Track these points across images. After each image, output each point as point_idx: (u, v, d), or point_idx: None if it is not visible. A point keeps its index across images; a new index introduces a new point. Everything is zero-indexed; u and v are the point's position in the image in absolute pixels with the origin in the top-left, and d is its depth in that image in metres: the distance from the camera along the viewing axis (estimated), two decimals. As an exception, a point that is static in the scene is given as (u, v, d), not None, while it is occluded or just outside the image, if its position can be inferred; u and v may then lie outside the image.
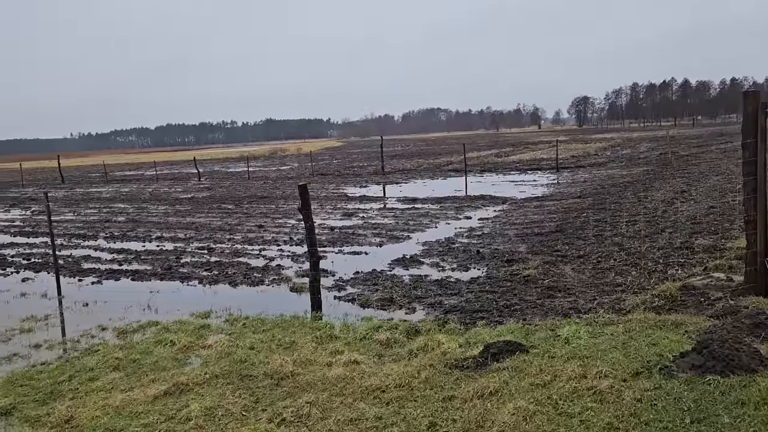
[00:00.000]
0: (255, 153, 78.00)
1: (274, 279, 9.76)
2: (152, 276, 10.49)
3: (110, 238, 15.05)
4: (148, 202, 23.78)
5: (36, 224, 18.72)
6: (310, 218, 8.17)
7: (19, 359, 6.66)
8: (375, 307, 7.95)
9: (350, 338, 6.59)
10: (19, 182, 42.42)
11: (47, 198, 10.56)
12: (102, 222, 18.20)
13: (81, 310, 8.64)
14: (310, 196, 8.94)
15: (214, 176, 38.04)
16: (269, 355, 6.14)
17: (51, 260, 12.37)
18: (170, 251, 12.67)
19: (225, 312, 8.08)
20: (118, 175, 45.40)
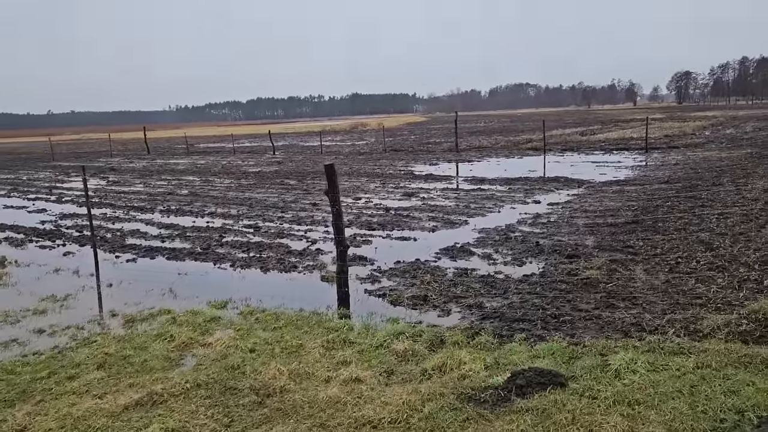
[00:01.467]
0: (336, 127, 78.20)
1: (309, 265, 9.00)
2: (187, 256, 10.01)
3: (166, 212, 14.87)
4: (217, 175, 23.79)
5: (105, 195, 19.00)
6: (338, 202, 7.28)
7: (15, 346, 6.24)
8: (406, 305, 6.99)
9: (365, 345, 5.70)
10: (109, 152, 44.27)
11: (84, 171, 10.24)
12: (165, 195, 18.19)
13: (104, 292, 8.24)
14: (376, 172, 8.05)
15: (289, 150, 38.00)
16: (267, 361, 5.36)
17: (102, 233, 12.28)
18: (216, 229, 12.22)
19: (244, 302, 7.40)
20: (200, 148, 46.47)
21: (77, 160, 37.99)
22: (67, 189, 21.35)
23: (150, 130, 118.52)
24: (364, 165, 24.67)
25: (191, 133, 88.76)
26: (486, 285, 7.46)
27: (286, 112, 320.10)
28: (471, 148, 31.23)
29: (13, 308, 7.53)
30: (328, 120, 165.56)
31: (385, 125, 77.24)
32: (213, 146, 47.84)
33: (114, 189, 20.66)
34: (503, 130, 49.93)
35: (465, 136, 41.79)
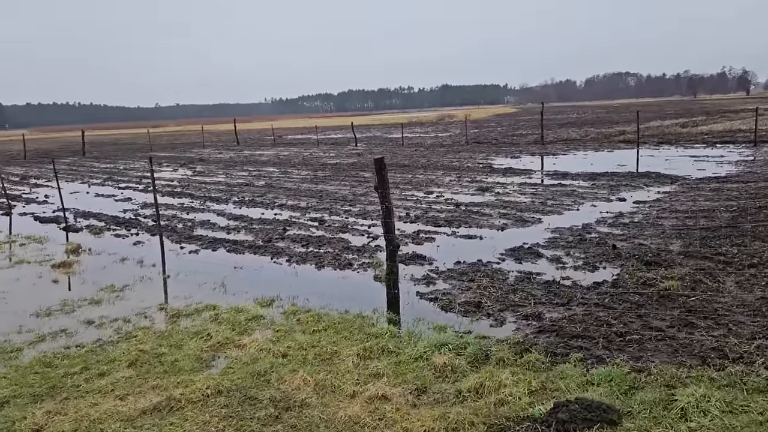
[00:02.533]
0: (422, 119, 77.64)
1: (364, 263, 8.63)
2: (247, 249, 9.93)
3: (239, 203, 15.02)
4: (295, 166, 23.99)
5: (187, 185, 19.56)
6: (388, 198, 6.84)
7: (62, 337, 6.28)
8: (458, 311, 6.46)
9: (403, 356, 5.25)
10: (202, 143, 46.09)
11: (151, 162, 10.38)
12: (242, 186, 18.46)
13: (158, 284, 8.26)
14: (454, 165, 7.60)
15: (371, 142, 37.93)
16: (296, 369, 5.04)
17: (174, 224, 12.51)
18: (281, 221, 12.13)
19: (290, 300, 7.14)
20: (287, 139, 47.43)
21: (172, 151, 39.79)
22: (156, 179, 22.17)
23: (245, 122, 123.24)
24: (443, 157, 24.06)
25: (282, 124, 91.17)
26: (549, 292, 6.78)
27: (376, 104, 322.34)
28: (558, 140, 29.78)
29: (73, 297, 7.67)
30: (417, 112, 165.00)
31: (473, 117, 75.90)
32: (300, 138, 48.69)
33: (197, 179, 21.27)
34: (596, 122, 47.50)
35: (554, 128, 40.07)
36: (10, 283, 8.57)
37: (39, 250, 10.71)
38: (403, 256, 8.86)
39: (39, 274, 8.97)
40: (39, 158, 38.27)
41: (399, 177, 18.29)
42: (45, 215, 14.78)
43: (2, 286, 8.42)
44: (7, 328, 6.58)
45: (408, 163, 22.56)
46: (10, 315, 7.06)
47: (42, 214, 14.98)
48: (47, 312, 7.11)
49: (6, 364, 5.56)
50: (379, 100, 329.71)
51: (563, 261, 8.16)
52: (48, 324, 6.69)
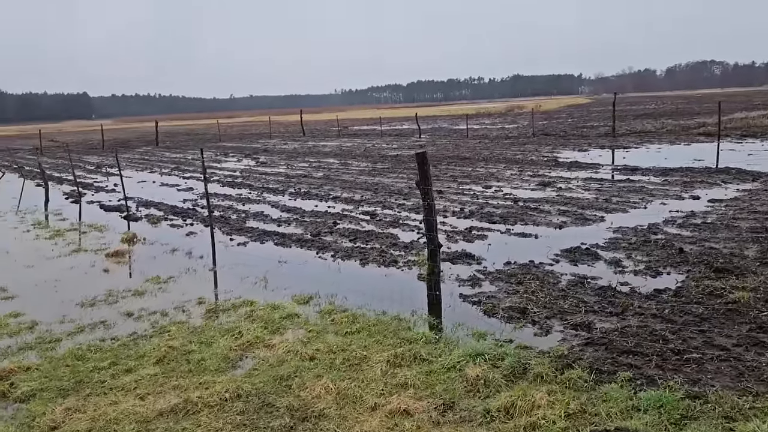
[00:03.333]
0: (490, 110, 76.18)
1: (410, 261, 8.31)
2: (295, 242, 9.82)
3: (295, 195, 15.01)
4: (356, 158, 23.87)
5: (248, 176, 19.79)
6: (430, 195, 6.49)
7: (100, 329, 6.31)
8: (501, 317, 6.05)
9: (435, 364, 4.92)
10: (269, 134, 46.89)
11: (202, 154, 10.41)
12: (300, 177, 18.49)
13: (202, 277, 8.24)
14: (517, 158, 7.23)
15: (435, 134, 37.40)
16: (321, 374, 4.81)
17: (228, 214, 12.60)
18: (334, 214, 11.98)
19: (328, 298, 6.93)
20: (353, 130, 47.53)
21: (240, 142, 40.66)
22: (220, 169, 22.63)
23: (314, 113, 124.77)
24: (507, 150, 23.33)
25: (350, 115, 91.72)
26: (603, 299, 6.26)
27: (445, 95, 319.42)
28: (631, 132, 28.32)
29: (119, 287, 7.76)
30: (486, 102, 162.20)
31: (543, 108, 73.77)
32: (365, 129, 48.70)
33: (259, 170, 21.51)
34: (674, 113, 45.03)
35: (628, 120, 38.27)
36: (64, 271, 8.79)
37: (97, 239, 11.00)
38: (451, 254, 8.50)
39: (92, 263, 9.17)
40: (116, 148, 39.97)
41: (458, 170, 17.82)
42: (110, 204, 15.27)
43: (57, 274, 8.64)
44: (52, 318, 6.69)
45: (470, 155, 22.00)
46: (57, 304, 7.20)
47: (108, 203, 15.49)
48: (91, 302, 7.20)
49: (42, 355, 5.61)
50: (448, 90, 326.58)
51: (623, 264, 7.57)
52: (89, 315, 6.76)
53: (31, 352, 5.72)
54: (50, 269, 8.92)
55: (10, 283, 8.23)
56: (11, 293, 7.78)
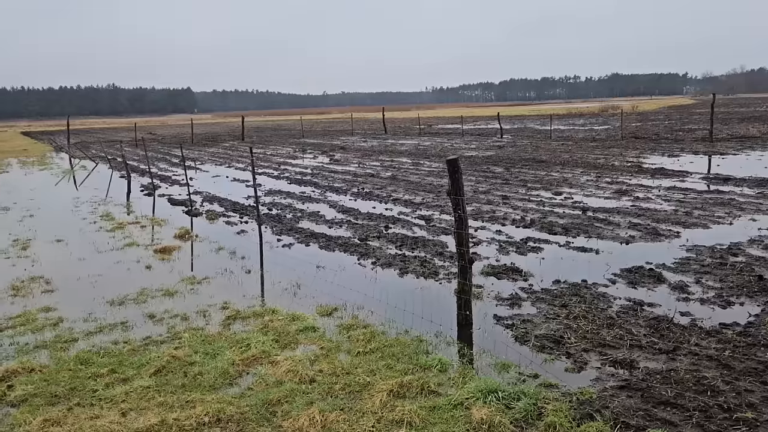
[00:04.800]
0: (582, 110, 73.08)
1: (451, 273, 7.74)
2: (339, 246, 9.47)
3: (356, 195, 14.72)
4: (429, 158, 23.32)
5: (318, 173, 19.75)
6: (461, 206, 5.90)
7: (117, 330, 6.22)
8: (533, 346, 5.40)
9: (442, 399, 4.41)
10: (351, 131, 47.13)
11: (251, 152, 10.29)
12: (367, 176, 18.20)
13: (236, 279, 8.05)
14: (597, 163, 6.62)
15: (518, 134, 36.10)
16: (314, 401, 4.43)
17: (284, 213, 12.49)
18: (388, 217, 11.56)
19: (354, 311, 6.53)
20: (435, 129, 46.91)
21: (322, 138, 41.08)
22: (293, 166, 22.79)
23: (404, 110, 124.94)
24: (589, 153, 21.97)
25: (437, 114, 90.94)
26: (654, 332, 5.46)
27: (538, 94, 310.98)
28: (732, 137, 25.97)
29: (152, 286, 7.71)
30: (580, 102, 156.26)
31: (640, 108, 69.96)
32: (448, 127, 47.93)
33: (330, 168, 21.45)
34: (788, 116, 41.12)
35: (732, 123, 35.31)
36: (109, 266, 8.90)
37: (153, 234, 11.17)
38: (497, 268, 7.86)
39: (139, 259, 9.24)
40: (204, 142, 41.53)
41: (531, 174, 16.89)
42: (178, 198, 15.60)
43: (102, 268, 8.75)
44: (78, 315, 6.69)
45: (547, 158, 20.89)
46: (88, 301, 7.22)
47: (177, 197, 15.84)
48: (121, 301, 7.17)
49: (52, 356, 5.56)
50: (541, 89, 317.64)
51: (689, 290, 6.65)
52: (114, 314, 6.71)
53: (44, 351, 5.69)
54: (98, 263, 9.06)
55: (56, 275, 8.41)
56: (53, 286, 7.93)
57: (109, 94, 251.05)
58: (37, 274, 8.52)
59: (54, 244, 10.61)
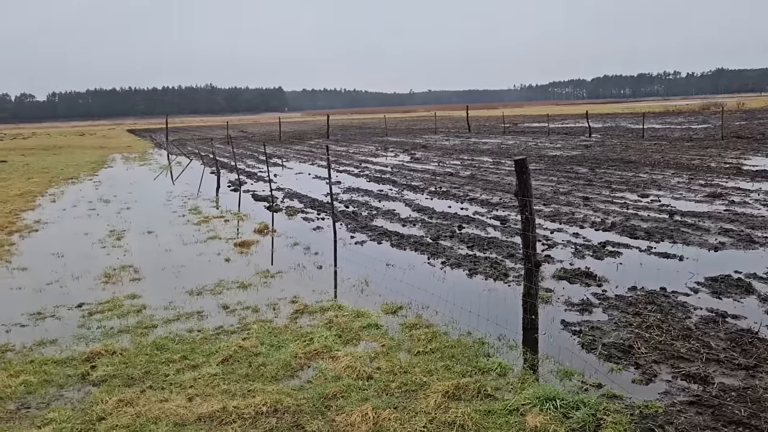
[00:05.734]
0: (681, 108, 69.21)
1: (522, 276, 7.56)
2: (410, 245, 9.50)
3: (433, 194, 14.70)
4: (511, 157, 22.84)
5: (398, 171, 19.86)
6: (529, 207, 5.74)
7: (193, 318, 6.55)
8: (600, 354, 5.20)
9: (498, 404, 4.35)
10: (435, 129, 47.03)
11: (327, 151, 10.49)
12: (446, 175, 18.11)
13: (307, 274, 8.25)
14: (691, 164, 6.40)
15: (608, 133, 34.69)
16: (368, 398, 4.50)
17: (360, 211, 12.67)
18: (462, 217, 11.46)
19: (418, 310, 6.54)
20: (520, 127, 45.96)
21: (405, 136, 41.25)
22: (374, 164, 23.04)
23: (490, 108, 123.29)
24: (684, 154, 20.78)
25: (523, 112, 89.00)
26: (735, 346, 5.10)
27: (634, 91, 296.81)
28: None
29: (229, 278, 8.05)
30: (680, 100, 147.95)
31: (747, 106, 65.24)
32: (533, 126, 46.81)
33: (409, 166, 21.52)
34: None
35: None
36: (192, 257, 9.37)
37: (235, 228, 11.65)
38: (570, 272, 7.62)
39: (219, 252, 9.67)
40: (291, 139, 42.77)
41: (617, 175, 16.20)
42: (261, 194, 16.17)
43: (185, 260, 9.23)
44: (160, 303, 7.10)
45: (636, 158, 19.96)
46: (170, 290, 7.64)
47: (260, 193, 16.42)
48: (199, 291, 7.53)
49: (133, 341, 5.92)
50: (637, 86, 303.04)
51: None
52: (191, 304, 7.06)
53: (126, 335, 6.08)
54: (182, 255, 9.56)
55: (144, 265, 8.96)
56: (140, 275, 8.45)
57: (207, 93, 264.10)
58: (128, 263, 9.10)
59: (145, 235, 11.29)
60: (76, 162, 29.90)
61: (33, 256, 9.88)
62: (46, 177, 22.63)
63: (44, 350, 5.77)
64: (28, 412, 4.53)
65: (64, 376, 5.13)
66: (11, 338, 6.14)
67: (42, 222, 13.04)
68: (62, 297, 7.51)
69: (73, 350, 5.71)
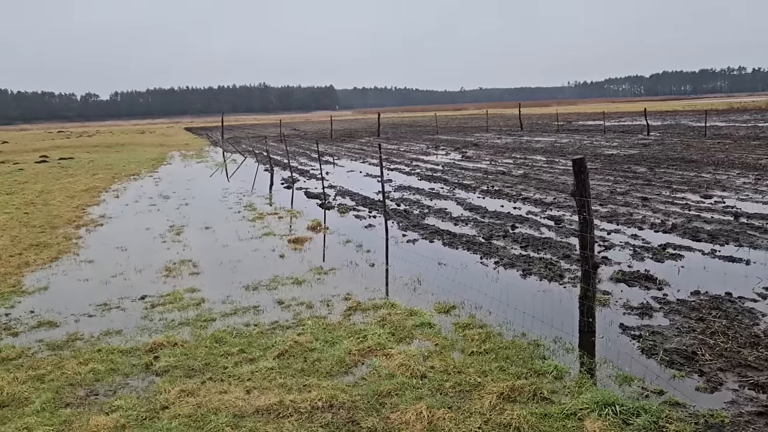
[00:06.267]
0: (747, 105, 66.40)
1: (577, 278, 7.39)
2: (463, 244, 9.44)
3: (485, 193, 14.56)
4: (566, 156, 22.40)
5: (449, 170, 19.76)
6: (587, 208, 5.62)
7: (250, 313, 6.70)
8: (661, 360, 5.05)
9: (555, 407, 4.31)
10: (486, 127, 46.54)
11: (380, 149, 10.51)
12: (498, 174, 17.90)
13: (360, 272, 8.31)
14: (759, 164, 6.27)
15: (668, 131, 33.57)
16: (422, 397, 4.51)
17: (412, 209, 12.68)
18: (515, 217, 11.32)
19: (471, 310, 6.51)
20: (574, 125, 44.99)
21: (456, 135, 40.98)
22: (424, 162, 22.99)
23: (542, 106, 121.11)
24: (750, 153, 19.90)
25: (578, 109, 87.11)
26: (807, 356, 4.86)
27: (695, 88, 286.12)
28: None
29: (284, 274, 8.19)
30: (746, 96, 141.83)
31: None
32: (588, 124, 45.76)
33: (461, 164, 21.38)
34: None
35: None
36: (247, 253, 9.58)
37: (288, 224, 11.84)
38: (628, 274, 7.43)
39: (274, 248, 9.85)
40: (342, 138, 43.12)
41: (678, 175, 15.67)
42: (314, 191, 16.37)
43: (241, 255, 9.44)
44: (217, 297, 7.29)
45: (698, 158, 19.25)
46: (227, 285, 7.83)
47: (313, 190, 16.63)
48: (255, 286, 7.70)
49: (193, 333, 6.10)
50: (699, 82, 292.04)
51: None
52: (248, 298, 7.22)
53: (186, 328, 6.27)
54: (238, 250, 9.79)
55: (202, 259, 9.21)
56: (199, 269, 8.69)
57: (260, 92, 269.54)
58: (187, 257, 9.38)
59: (203, 230, 11.61)
60: (137, 159, 30.98)
61: (98, 249, 10.30)
62: (109, 173, 23.55)
63: (110, 340, 6.01)
64: (96, 399, 4.74)
65: (129, 365, 5.33)
66: (80, 327, 6.43)
67: (106, 216, 13.58)
68: (126, 289, 7.81)
69: (137, 341, 5.94)
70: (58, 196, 16.83)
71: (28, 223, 12.63)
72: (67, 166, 27.22)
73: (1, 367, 5.41)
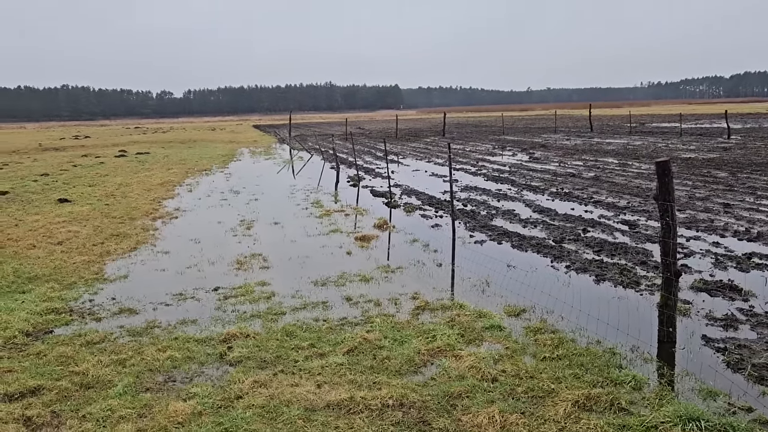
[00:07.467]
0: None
1: (655, 285, 7.13)
2: (532, 247, 9.25)
3: (554, 195, 14.22)
4: (639, 158, 21.60)
5: (516, 171, 19.42)
6: (671, 213, 5.36)
7: (319, 308, 6.77)
8: (749, 375, 4.79)
9: (634, 419, 4.19)
10: (554, 128, 45.49)
11: (449, 148, 10.43)
12: (567, 176, 17.44)
13: (427, 271, 8.26)
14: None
15: (751, 134, 31.81)
16: (494, 401, 4.45)
17: (479, 210, 12.54)
18: (587, 220, 10.99)
19: (543, 313, 6.36)
20: (648, 127, 43.33)
21: (523, 135, 40.26)
22: (491, 163, 22.68)
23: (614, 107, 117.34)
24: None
25: (651, 111, 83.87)
26: None
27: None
28: None
29: (351, 271, 8.25)
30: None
31: None
32: (663, 126, 43.98)
33: (528, 166, 20.97)
34: None
35: None
36: (316, 249, 9.70)
37: (355, 222, 11.93)
38: (710, 284, 7.08)
39: (341, 245, 9.94)
40: (407, 137, 43.14)
41: (762, 181, 14.83)
42: (379, 189, 16.43)
43: (310, 251, 9.58)
44: (287, 291, 7.42)
45: (785, 163, 18.15)
46: (296, 279, 7.96)
47: (378, 188, 16.69)
48: (323, 282, 7.79)
49: (264, 325, 6.23)
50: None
51: None
52: (316, 294, 7.31)
53: (257, 320, 6.41)
54: (306, 246, 9.94)
55: (272, 254, 9.40)
56: (269, 263, 8.88)
57: (326, 91, 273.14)
58: (257, 251, 9.60)
59: (272, 225, 11.86)
60: (209, 155, 32.01)
61: (174, 240, 10.70)
62: (183, 168, 24.43)
63: (186, 329, 6.22)
64: (174, 385, 4.91)
65: (204, 354, 5.49)
66: (158, 316, 6.68)
67: (180, 210, 14.09)
68: (200, 280, 8.06)
69: (211, 330, 6.11)
70: (135, 189, 17.61)
71: (109, 214, 13.26)
72: (144, 161, 28.43)
73: (86, 350, 5.68)
